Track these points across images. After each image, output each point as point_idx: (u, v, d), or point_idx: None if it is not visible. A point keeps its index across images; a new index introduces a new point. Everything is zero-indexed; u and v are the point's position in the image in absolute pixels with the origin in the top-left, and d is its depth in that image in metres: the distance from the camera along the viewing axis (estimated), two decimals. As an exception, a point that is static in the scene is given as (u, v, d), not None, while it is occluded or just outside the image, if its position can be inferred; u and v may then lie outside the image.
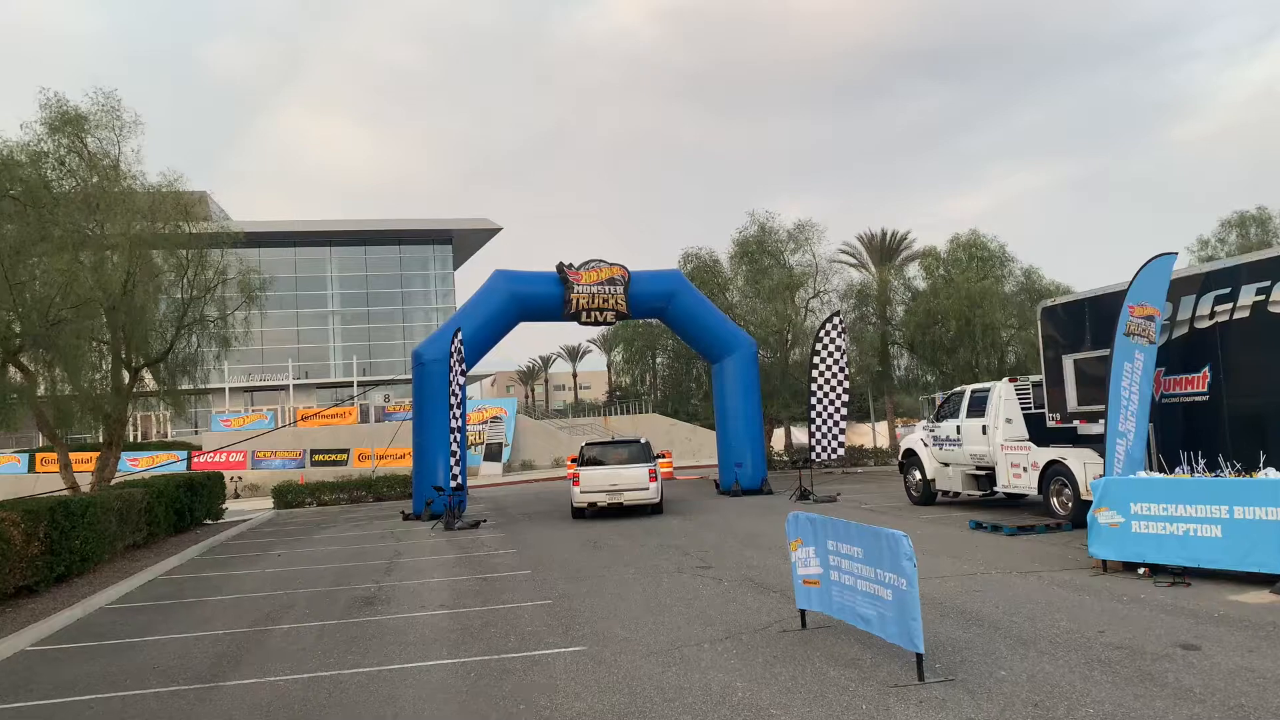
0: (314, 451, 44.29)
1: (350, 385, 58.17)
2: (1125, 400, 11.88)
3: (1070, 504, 14.12)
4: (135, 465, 43.01)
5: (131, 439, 57.00)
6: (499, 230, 62.08)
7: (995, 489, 16.26)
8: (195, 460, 44.05)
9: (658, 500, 19.62)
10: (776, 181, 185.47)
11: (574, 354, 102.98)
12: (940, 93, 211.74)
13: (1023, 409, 16.03)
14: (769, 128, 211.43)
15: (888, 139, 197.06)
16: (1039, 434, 15.57)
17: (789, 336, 28.21)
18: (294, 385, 58.73)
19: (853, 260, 47.99)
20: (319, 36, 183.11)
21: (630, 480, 19.55)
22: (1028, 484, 15.16)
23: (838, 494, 20.61)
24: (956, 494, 17.65)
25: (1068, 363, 14.06)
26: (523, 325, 23.31)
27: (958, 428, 17.22)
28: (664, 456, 32.43)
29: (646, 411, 60.61)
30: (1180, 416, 12.19)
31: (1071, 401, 14.01)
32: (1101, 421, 13.20)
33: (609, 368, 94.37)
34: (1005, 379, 16.46)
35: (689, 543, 14.81)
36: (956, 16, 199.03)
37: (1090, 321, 13.63)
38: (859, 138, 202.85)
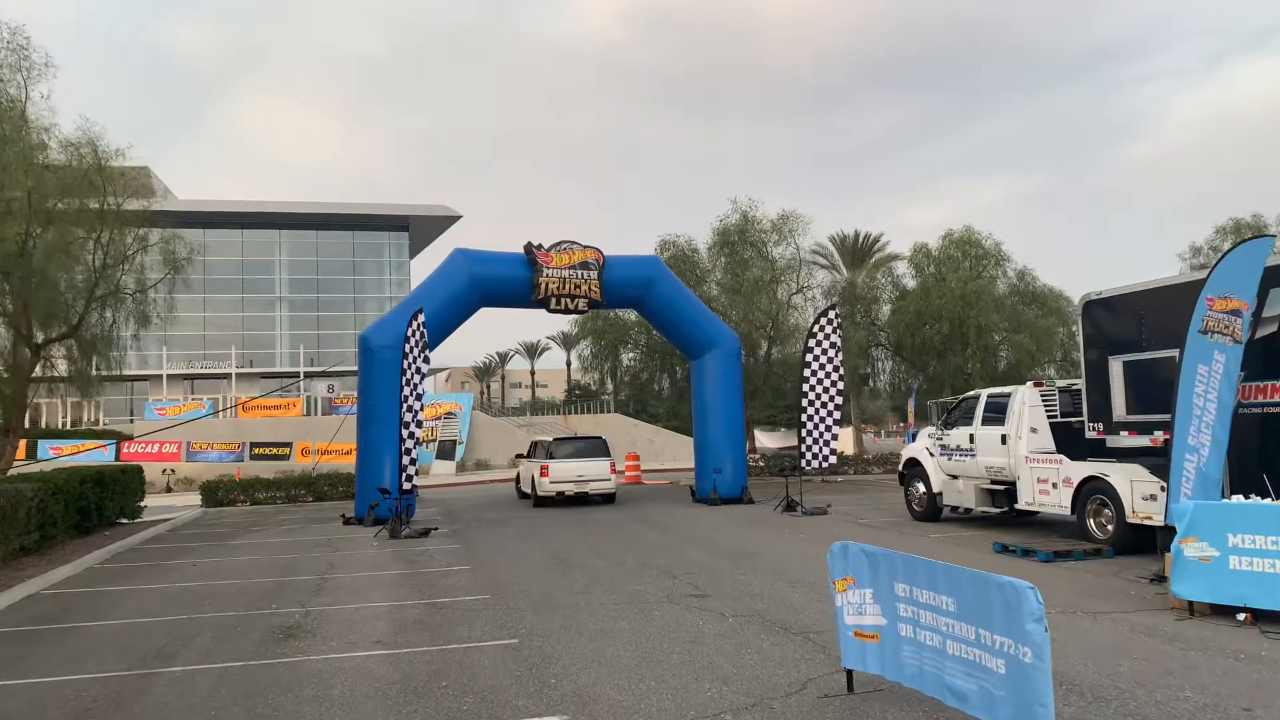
0: (254, 444, 41.61)
1: (297, 376, 55.36)
2: (1199, 409, 10.10)
3: (1111, 526, 12.36)
4: (58, 454, 40.09)
5: (60, 425, 53.79)
6: (458, 218, 59.63)
7: (1016, 506, 14.47)
8: (124, 450, 41.22)
9: (614, 491, 22.40)
10: (741, 184, 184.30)
11: (532, 350, 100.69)
12: (899, 104, 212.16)
13: (1048, 417, 14.31)
14: (734, 132, 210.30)
15: (847, 148, 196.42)
16: (1065, 446, 13.87)
17: (771, 333, 26.34)
18: (237, 374, 55.79)
19: (824, 262, 46.48)
20: (286, 27, 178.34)
21: (594, 472, 21.90)
22: (1057, 502, 13.38)
23: (828, 505, 18.75)
24: (968, 510, 15.86)
25: (1115, 365, 12.29)
26: (480, 319, 21.24)
27: (971, 436, 15.43)
28: (631, 459, 30.46)
29: (609, 411, 58.56)
30: (1259, 430, 10.45)
31: (1119, 409, 12.24)
32: (1159, 434, 11.47)
33: (568, 365, 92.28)
34: (1029, 383, 14.69)
35: (674, 562, 12.81)
36: (918, 31, 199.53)
37: (1147, 317, 11.88)
38: (821, 145, 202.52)
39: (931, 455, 16.51)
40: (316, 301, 60.18)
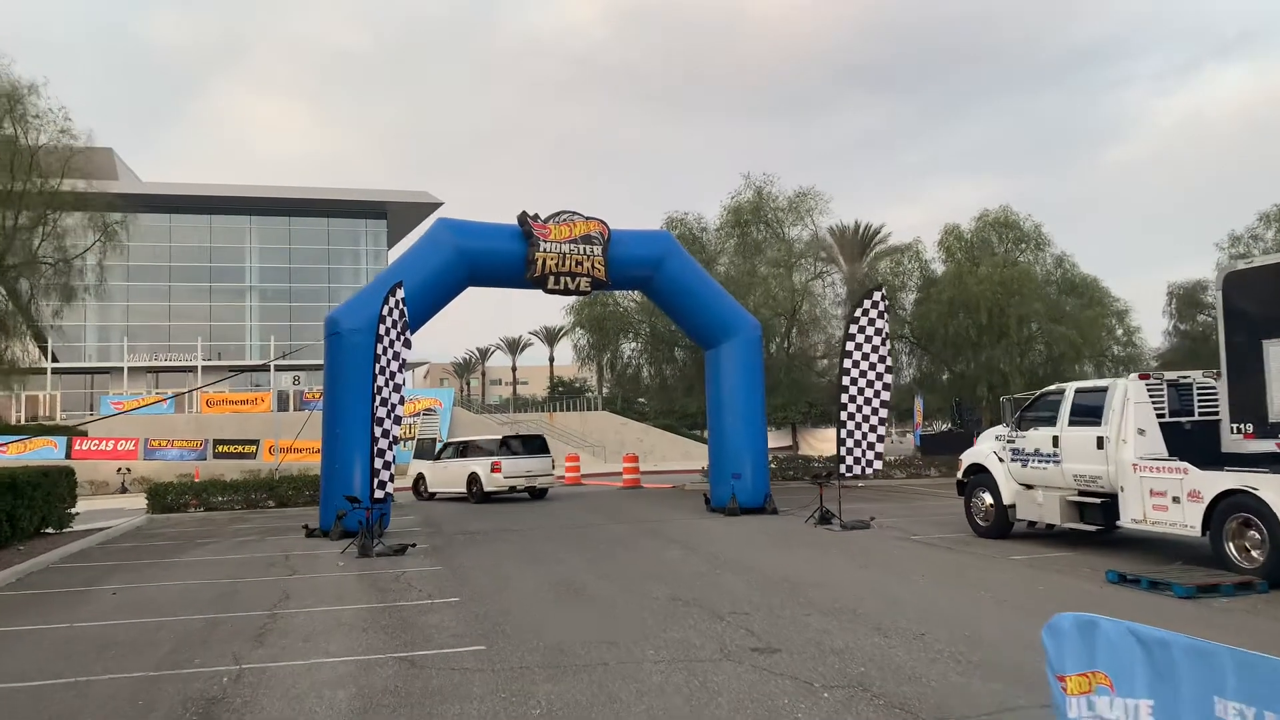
0: (218, 442, 38.85)
1: (267, 369, 52.40)
2: None
3: (1261, 553, 9.93)
4: (3, 452, 37.16)
5: (16, 420, 50.68)
6: (439, 205, 56.79)
7: (1119, 523, 12.01)
8: (76, 447, 38.36)
9: (549, 486, 24.38)
10: (722, 181, 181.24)
11: (514, 346, 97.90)
12: (881, 106, 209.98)
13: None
14: (713, 132, 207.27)
15: (829, 148, 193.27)
16: (1177, 451, 11.49)
17: (792, 320, 23.79)
18: (203, 366, 52.72)
19: (822, 254, 44.16)
20: (267, 20, 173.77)
21: (540, 468, 23.71)
22: (1180, 520, 10.93)
23: (871, 518, 16.23)
24: (1049, 525, 13.41)
25: (1273, 351, 9.83)
26: (461, 312, 18.97)
27: (1054, 439, 12.98)
28: (629, 460, 27.93)
29: (595, 409, 56.10)
30: None
31: (1278, 407, 9.79)
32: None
33: (551, 362, 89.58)
34: (1134, 375, 12.23)
35: (712, 595, 10.23)
36: (899, 35, 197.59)
37: (1322, 290, 9.44)
38: (804, 146, 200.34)
39: (1000, 461, 14.06)
40: (289, 291, 57.22)
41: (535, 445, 24.19)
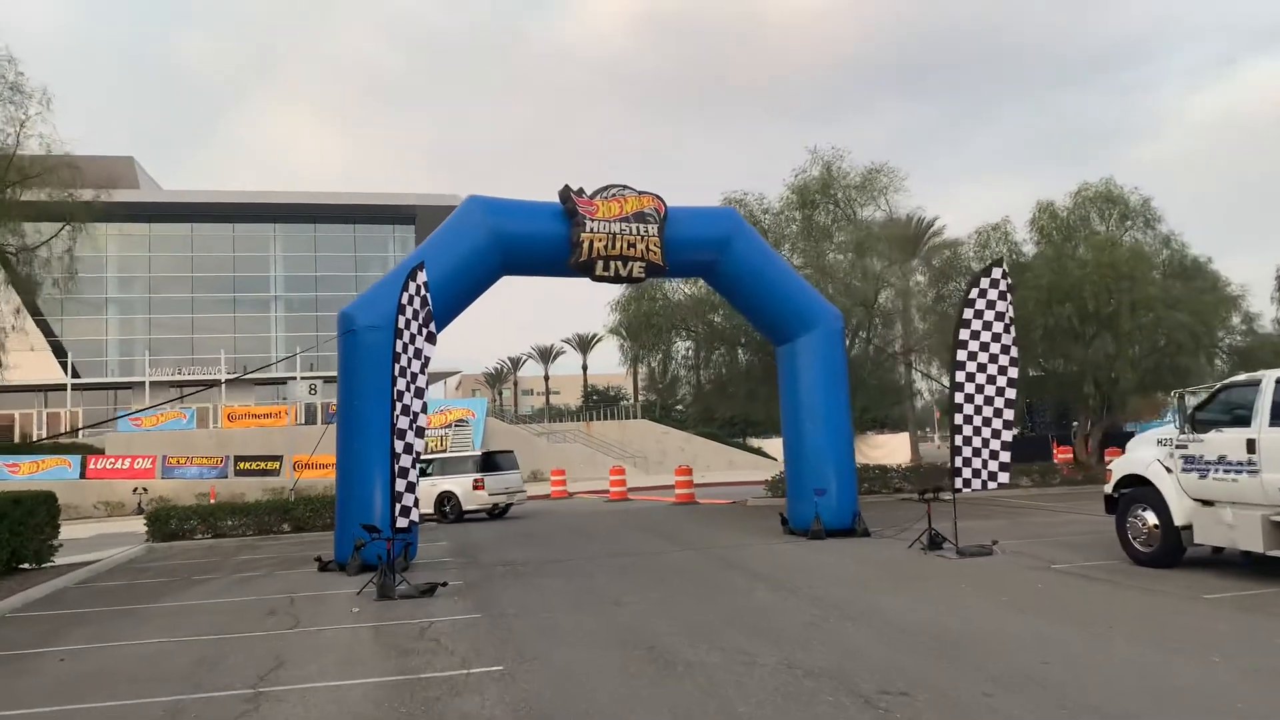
0: (239, 458, 36.68)
1: (292, 382, 50.30)
2: None
3: None
4: (15, 472, 35.28)
5: (36, 437, 49.09)
6: (469, 208, 54.65)
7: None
8: (90, 466, 36.37)
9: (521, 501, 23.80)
10: (748, 180, 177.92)
11: (546, 355, 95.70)
12: (904, 109, 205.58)
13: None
14: (732, 136, 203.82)
15: (854, 152, 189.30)
16: None
17: (869, 311, 21.04)
18: (227, 380, 50.78)
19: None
20: (296, 35, 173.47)
21: (516, 484, 23.39)
22: None
23: (993, 542, 13.46)
24: (1245, 553, 10.64)
25: None
26: (489, 318, 16.43)
27: (1249, 442, 10.23)
28: (682, 474, 25.38)
29: (633, 417, 53.64)
30: None
31: None
32: None
33: (584, 370, 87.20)
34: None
35: (841, 658, 7.60)
36: (920, 35, 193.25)
37: None
38: (825, 145, 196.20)
39: (1168, 471, 11.32)
40: (315, 301, 55.22)
41: (508, 461, 23.76)
